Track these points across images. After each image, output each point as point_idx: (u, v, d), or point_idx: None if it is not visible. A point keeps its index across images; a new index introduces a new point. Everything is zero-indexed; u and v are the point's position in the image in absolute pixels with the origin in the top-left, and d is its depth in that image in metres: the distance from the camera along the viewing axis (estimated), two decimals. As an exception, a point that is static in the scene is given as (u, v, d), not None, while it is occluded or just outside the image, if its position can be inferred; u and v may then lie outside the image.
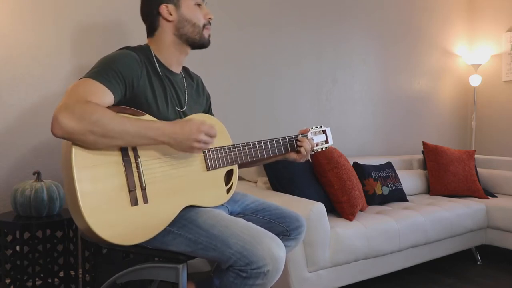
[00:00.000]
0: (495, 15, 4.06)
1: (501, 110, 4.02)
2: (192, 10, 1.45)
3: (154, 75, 1.40)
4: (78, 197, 1.12)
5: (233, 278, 1.26)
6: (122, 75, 1.28)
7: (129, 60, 1.32)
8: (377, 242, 2.24)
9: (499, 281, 2.58)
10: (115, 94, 1.25)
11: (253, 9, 2.92)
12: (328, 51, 3.29)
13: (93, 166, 1.16)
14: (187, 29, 1.45)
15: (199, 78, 1.65)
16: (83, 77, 1.24)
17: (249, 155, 1.49)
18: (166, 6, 1.43)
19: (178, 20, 1.44)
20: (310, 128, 1.66)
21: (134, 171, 1.22)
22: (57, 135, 1.11)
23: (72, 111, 1.11)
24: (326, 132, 1.72)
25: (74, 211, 1.17)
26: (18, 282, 1.93)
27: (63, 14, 2.26)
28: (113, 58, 1.31)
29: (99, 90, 1.21)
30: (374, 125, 3.61)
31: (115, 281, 1.40)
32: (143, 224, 1.22)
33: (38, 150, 2.23)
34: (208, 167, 1.41)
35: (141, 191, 1.23)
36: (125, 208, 1.19)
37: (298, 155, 1.59)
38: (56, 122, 1.10)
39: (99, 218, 1.14)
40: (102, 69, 1.25)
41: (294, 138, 1.59)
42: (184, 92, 1.51)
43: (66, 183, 1.18)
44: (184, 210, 1.33)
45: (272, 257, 1.22)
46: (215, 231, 1.27)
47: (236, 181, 1.50)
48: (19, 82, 2.17)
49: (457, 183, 3.10)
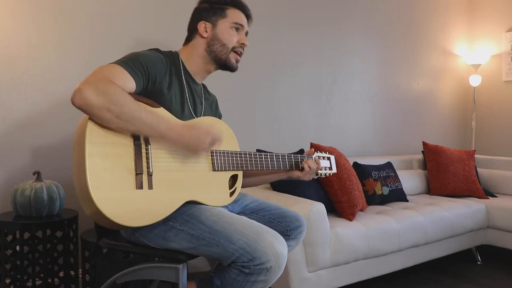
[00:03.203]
0: (495, 15, 4.06)
1: (501, 110, 4.02)
2: (226, 32, 1.52)
3: (176, 78, 1.46)
4: (86, 171, 1.14)
5: (235, 275, 1.26)
6: (147, 69, 1.34)
7: (155, 59, 1.39)
8: (377, 242, 2.24)
9: (499, 281, 2.59)
10: (137, 83, 1.30)
11: (253, 10, 2.91)
12: (328, 51, 3.29)
13: (105, 143, 1.19)
14: (216, 47, 1.52)
15: (215, 98, 1.70)
16: (111, 63, 1.29)
17: (254, 164, 1.52)
18: (205, 23, 1.52)
19: (211, 38, 1.52)
20: (316, 152, 1.71)
21: (143, 156, 1.25)
22: (77, 104, 1.16)
23: (96, 86, 1.17)
24: (330, 160, 1.77)
25: (79, 185, 1.18)
26: (18, 282, 1.93)
27: (64, 14, 2.26)
28: (141, 53, 1.38)
29: (124, 76, 1.26)
30: (374, 125, 3.61)
31: (115, 281, 1.40)
32: (145, 209, 1.23)
33: (38, 150, 2.23)
34: (214, 168, 1.42)
35: (148, 176, 1.25)
36: (129, 189, 1.21)
37: (301, 172, 1.64)
38: (78, 92, 1.15)
39: (104, 194, 1.16)
40: (129, 59, 1.32)
41: (300, 158, 1.64)
42: (201, 103, 1.56)
43: (76, 159, 1.20)
44: (187, 206, 1.34)
45: (275, 253, 1.23)
46: (218, 227, 1.28)
47: (240, 187, 1.51)
48: (19, 82, 2.17)
49: (457, 183, 3.11)
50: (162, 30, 2.53)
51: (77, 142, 1.21)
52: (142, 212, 1.23)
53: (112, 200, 1.17)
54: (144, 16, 2.48)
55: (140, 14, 2.48)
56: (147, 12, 2.49)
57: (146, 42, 2.45)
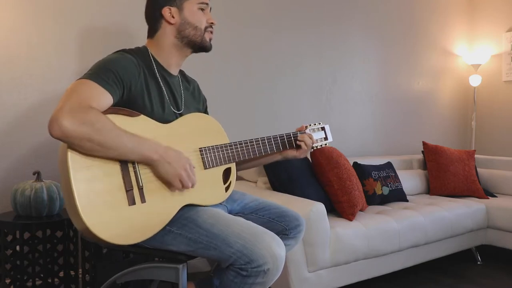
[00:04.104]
0: (495, 15, 4.06)
1: (501, 110, 4.02)
2: (195, 14, 1.46)
3: (151, 78, 1.41)
4: (75, 198, 1.12)
5: (233, 277, 1.26)
6: (120, 77, 1.28)
7: (127, 63, 1.33)
8: (377, 242, 2.24)
9: (499, 281, 2.58)
10: (114, 96, 1.26)
11: (253, 10, 2.92)
12: (328, 51, 3.29)
13: (89, 166, 1.16)
14: (188, 31, 1.46)
15: (195, 83, 1.66)
16: (81, 78, 1.24)
17: (246, 153, 1.50)
18: (169, 8, 1.44)
19: (180, 23, 1.45)
20: (309, 125, 1.67)
21: (130, 170, 1.23)
22: (55, 136, 1.12)
23: (74, 115, 1.12)
24: (325, 129, 1.73)
25: (72, 212, 1.17)
26: (18, 282, 1.93)
27: (64, 14, 2.26)
28: (111, 61, 1.31)
29: (99, 93, 1.21)
30: (374, 125, 3.61)
31: (115, 281, 1.40)
32: (142, 224, 1.22)
33: (38, 150, 2.23)
34: (205, 166, 1.41)
35: (138, 190, 1.23)
36: (122, 208, 1.19)
37: (298, 151, 1.61)
38: (55, 123, 1.10)
39: (97, 218, 1.14)
40: (100, 71, 1.26)
41: (293, 135, 1.61)
42: (180, 95, 1.51)
43: (63, 184, 1.18)
44: (183, 210, 1.33)
45: (273, 256, 1.22)
46: (216, 230, 1.27)
47: (235, 180, 1.50)
48: (19, 82, 2.17)
49: (457, 183, 3.10)
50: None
51: (61, 169, 1.18)
52: (138, 227, 1.21)
53: (107, 222, 1.15)
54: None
55: (140, 14, 2.47)
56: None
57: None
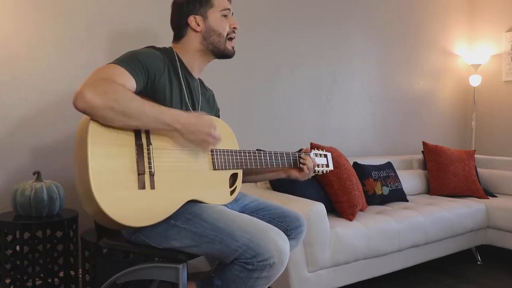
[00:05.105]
0: (495, 15, 4.06)
1: (501, 110, 4.02)
2: (219, 21, 1.52)
3: (175, 75, 1.45)
4: (89, 172, 1.13)
5: (238, 272, 1.26)
6: (146, 67, 1.33)
7: (154, 56, 1.38)
8: (377, 242, 2.24)
9: (499, 281, 2.59)
10: (138, 82, 1.30)
11: (253, 10, 2.92)
12: (328, 51, 3.29)
13: (107, 144, 1.19)
14: (213, 38, 1.51)
15: (212, 92, 1.71)
16: (109, 63, 1.29)
17: (254, 162, 1.53)
18: (195, 17, 1.50)
19: (206, 31, 1.51)
20: (313, 150, 1.73)
21: (145, 156, 1.25)
22: (80, 108, 1.15)
23: (97, 87, 1.16)
24: (327, 157, 1.79)
25: (82, 187, 1.18)
26: (18, 282, 1.93)
27: (64, 14, 2.26)
28: (139, 52, 1.37)
29: (124, 75, 1.26)
30: (374, 125, 3.61)
31: (115, 281, 1.40)
32: (148, 209, 1.24)
33: (38, 150, 2.23)
34: (214, 167, 1.43)
35: (149, 176, 1.25)
36: (132, 189, 1.21)
37: (300, 173, 1.66)
38: (80, 95, 1.15)
39: (107, 195, 1.16)
40: (127, 58, 1.31)
41: (298, 155, 1.65)
42: (198, 98, 1.56)
43: (78, 160, 1.20)
44: (188, 205, 1.34)
45: (278, 250, 1.23)
46: (221, 224, 1.28)
47: (240, 185, 1.52)
48: (19, 82, 2.17)
49: (457, 183, 3.10)
50: (165, 29, 2.52)
51: (78, 143, 1.21)
52: (144, 212, 1.23)
53: (115, 201, 1.17)
54: (145, 16, 2.48)
55: (141, 14, 2.48)
56: (149, 12, 2.49)
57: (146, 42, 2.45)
